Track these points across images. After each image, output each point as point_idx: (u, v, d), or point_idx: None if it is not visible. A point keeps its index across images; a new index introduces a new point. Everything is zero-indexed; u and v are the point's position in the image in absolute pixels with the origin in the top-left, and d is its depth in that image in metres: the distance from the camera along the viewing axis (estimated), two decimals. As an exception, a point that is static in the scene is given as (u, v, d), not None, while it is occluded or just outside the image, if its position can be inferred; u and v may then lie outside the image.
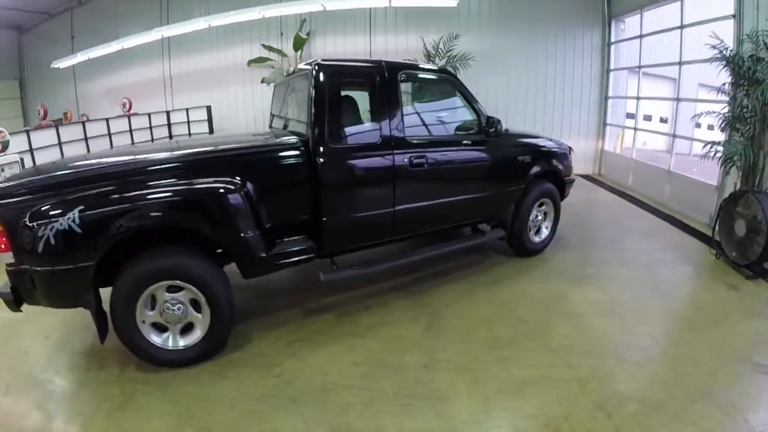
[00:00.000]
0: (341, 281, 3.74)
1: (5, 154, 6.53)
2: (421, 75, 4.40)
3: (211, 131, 9.56)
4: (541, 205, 4.81)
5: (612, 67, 8.17)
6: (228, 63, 9.48)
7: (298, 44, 8.76)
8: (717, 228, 4.73)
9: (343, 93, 3.61)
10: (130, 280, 2.78)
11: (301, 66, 3.88)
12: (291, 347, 3.28)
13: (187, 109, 9.49)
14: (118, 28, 9.36)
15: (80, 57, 9.04)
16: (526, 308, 3.82)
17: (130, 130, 8.91)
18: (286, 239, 3.36)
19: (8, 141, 6.60)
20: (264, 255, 3.13)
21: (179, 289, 2.89)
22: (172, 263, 2.87)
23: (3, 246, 2.67)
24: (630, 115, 8.43)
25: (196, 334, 2.99)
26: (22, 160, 6.65)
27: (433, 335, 3.46)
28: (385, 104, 3.62)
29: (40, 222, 2.58)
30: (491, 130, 4.08)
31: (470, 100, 4.21)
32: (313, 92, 3.35)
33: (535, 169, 4.58)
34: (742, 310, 3.74)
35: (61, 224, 2.57)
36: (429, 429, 2.52)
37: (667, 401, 2.66)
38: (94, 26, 9.99)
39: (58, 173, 2.95)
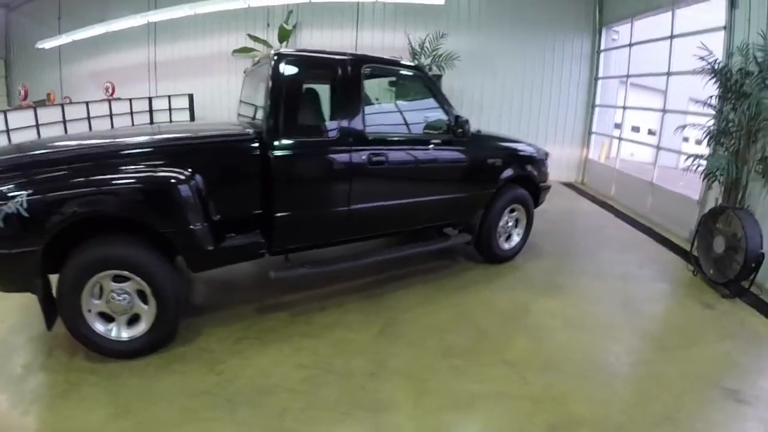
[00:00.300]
0: (293, 279, 3.54)
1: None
2: (389, 70, 4.16)
3: (192, 119, 9.25)
4: (512, 211, 4.59)
5: (600, 75, 7.99)
6: (213, 52, 9.22)
7: (283, 36, 8.51)
8: (695, 244, 4.53)
9: (304, 85, 3.49)
10: (77, 267, 2.68)
11: (266, 55, 3.66)
12: (239, 345, 3.13)
13: (169, 96, 9.18)
14: (106, 10, 9.03)
15: (65, 38, 8.77)
16: (487, 317, 3.61)
17: (110, 115, 8.62)
18: (236, 234, 3.19)
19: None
20: (211, 248, 2.98)
21: (126, 279, 2.76)
22: (118, 252, 2.75)
23: None
24: (617, 125, 8.31)
25: (142, 326, 2.86)
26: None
27: (386, 341, 3.26)
28: (346, 98, 3.47)
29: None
30: (459, 131, 3.86)
31: (441, 99, 4.01)
32: (270, 83, 3.21)
33: (507, 174, 4.37)
34: (716, 330, 3.54)
35: (9, 209, 2.48)
36: (366, 442, 2.31)
37: (626, 425, 2.46)
38: (82, 7, 9.66)
39: (11, 156, 2.87)
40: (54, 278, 2.74)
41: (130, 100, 8.83)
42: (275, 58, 3.25)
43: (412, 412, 2.54)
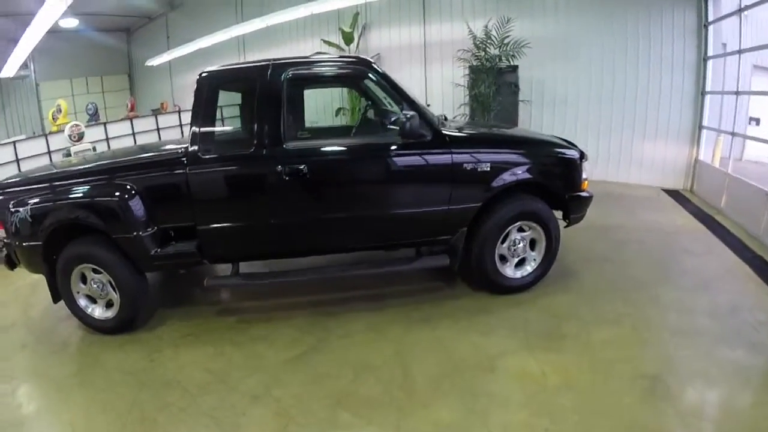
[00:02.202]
0: (225, 287, 3.70)
1: (82, 143, 7.29)
2: (318, 73, 3.61)
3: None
4: (522, 229, 3.55)
5: (711, 53, 5.88)
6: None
7: (347, 39, 8.24)
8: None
9: (221, 100, 3.41)
10: (63, 260, 3.35)
11: None
12: (181, 339, 3.40)
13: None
14: (207, 28, 9.68)
15: (165, 57, 9.79)
16: (429, 366, 2.90)
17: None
18: (176, 242, 3.39)
19: (83, 132, 7.35)
20: (152, 254, 3.29)
21: (100, 272, 3.36)
22: (85, 251, 3.34)
23: None
24: (752, 119, 6.25)
25: (113, 310, 3.42)
26: (94, 147, 7.38)
27: (295, 367, 2.98)
28: (263, 109, 3.27)
29: (11, 212, 3.31)
30: (405, 131, 3.13)
31: (394, 97, 3.32)
32: (193, 101, 3.33)
33: (502, 181, 3.38)
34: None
35: (20, 214, 3.29)
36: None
37: None
38: (186, 28, 10.61)
39: (34, 176, 3.68)
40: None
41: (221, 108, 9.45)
42: (198, 77, 3.33)
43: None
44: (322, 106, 9.31)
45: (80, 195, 3.29)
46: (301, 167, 3.19)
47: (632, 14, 6.15)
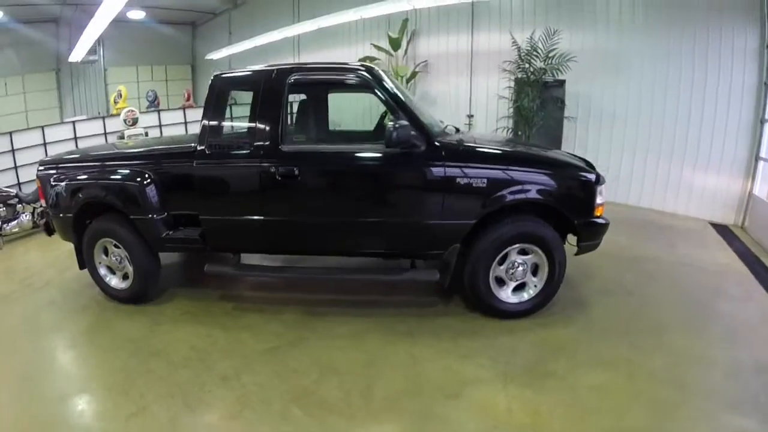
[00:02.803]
0: (221, 275, 3.77)
1: (136, 128, 7.71)
2: (319, 78, 3.55)
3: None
4: (524, 252, 3.29)
5: None
6: (343, 61, 9.21)
7: (394, 45, 8.08)
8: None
9: (232, 102, 3.66)
10: (88, 234, 3.70)
11: None
12: (182, 316, 3.63)
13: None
14: (265, 26, 9.87)
15: (224, 51, 10.16)
16: (395, 382, 2.76)
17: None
18: (184, 228, 3.58)
19: (138, 118, 7.76)
20: (163, 236, 3.51)
21: (118, 247, 3.65)
22: (107, 226, 3.65)
23: (41, 196, 4.02)
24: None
25: (127, 282, 3.73)
26: (146, 132, 7.78)
27: (269, 358, 3.02)
28: (265, 112, 3.35)
29: (51, 185, 3.74)
30: (391, 141, 3.02)
31: (393, 106, 3.20)
32: (205, 100, 3.52)
33: (500, 200, 3.14)
34: None
35: (59, 189, 3.69)
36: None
37: None
38: (247, 24, 10.88)
39: (73, 156, 4.13)
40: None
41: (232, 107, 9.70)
42: (211, 79, 3.50)
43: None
44: (368, 111, 9.28)
45: (106, 177, 3.64)
46: (294, 170, 3.21)
47: (689, 32, 5.49)
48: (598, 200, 3.33)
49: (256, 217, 3.39)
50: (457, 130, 3.94)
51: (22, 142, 6.88)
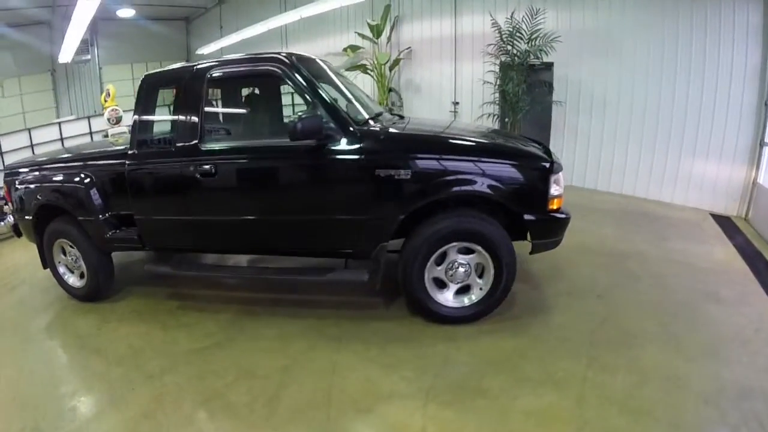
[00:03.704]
0: (158, 274, 3.54)
1: (120, 126, 7.38)
2: (236, 72, 3.22)
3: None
4: (468, 251, 2.73)
5: None
6: (330, 50, 8.62)
7: (376, 31, 7.50)
8: None
9: (157, 101, 3.31)
10: (47, 233, 3.62)
11: None
12: (129, 314, 3.50)
13: (291, 94, 9.30)
14: (254, 19, 9.32)
15: (213, 46, 9.75)
16: (306, 389, 2.44)
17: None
18: (125, 228, 3.41)
19: (122, 116, 7.42)
20: (107, 236, 3.37)
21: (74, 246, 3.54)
22: (61, 227, 3.54)
23: (8, 200, 3.95)
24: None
25: (83, 281, 3.65)
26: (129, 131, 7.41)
27: (194, 358, 2.83)
28: (185, 110, 3.11)
29: (15, 189, 3.69)
30: (295, 134, 2.59)
31: (305, 97, 2.81)
32: (135, 101, 3.33)
33: (428, 193, 2.64)
34: None
35: (20, 192, 3.65)
36: None
37: None
38: (236, 18, 10.42)
39: (32, 160, 3.99)
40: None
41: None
42: (141, 79, 3.32)
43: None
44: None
45: (55, 181, 3.52)
46: (211, 168, 2.95)
47: (685, 9, 4.71)
48: (554, 191, 2.73)
49: (183, 217, 3.21)
50: (401, 117, 3.48)
51: (10, 145, 6.71)
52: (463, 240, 2.68)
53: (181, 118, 3.11)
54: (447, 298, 2.83)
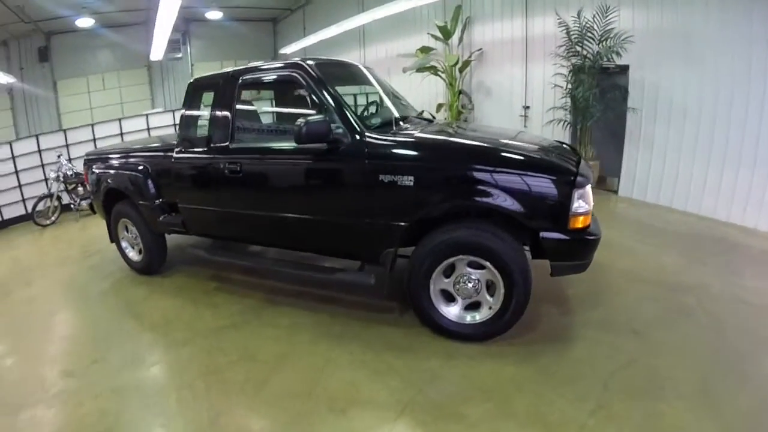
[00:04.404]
0: (196, 257, 3.81)
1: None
2: (263, 77, 3.22)
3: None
4: (478, 266, 2.50)
5: None
6: (404, 50, 8.33)
7: (445, 33, 7.14)
8: None
9: (199, 102, 3.56)
10: (113, 213, 4.08)
11: None
12: (172, 289, 3.83)
13: (366, 94, 9.28)
14: (335, 19, 9.26)
15: (293, 46, 9.98)
16: (293, 380, 2.48)
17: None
18: (174, 214, 3.71)
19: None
20: (159, 219, 3.70)
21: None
22: (123, 209, 3.97)
23: (86, 182, 4.51)
24: None
25: (140, 256, 4.07)
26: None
27: (213, 334, 3.02)
28: (220, 112, 3.29)
29: (91, 173, 4.21)
30: (296, 138, 2.59)
31: (321, 102, 2.75)
32: (183, 103, 3.62)
33: (432, 201, 2.47)
34: None
35: (94, 177, 4.17)
36: None
37: None
38: (318, 19, 10.53)
39: (106, 149, 4.51)
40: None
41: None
42: (189, 83, 3.62)
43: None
44: (427, 101, 8.51)
45: (119, 169, 3.96)
46: (237, 166, 3.11)
47: None
48: (577, 208, 2.36)
49: (214, 209, 3.40)
50: (431, 120, 3.31)
51: (103, 132, 7.53)
52: (469, 253, 2.47)
53: (216, 119, 3.30)
54: (453, 312, 2.65)
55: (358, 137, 2.64)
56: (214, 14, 11.34)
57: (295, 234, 3.11)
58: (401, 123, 2.96)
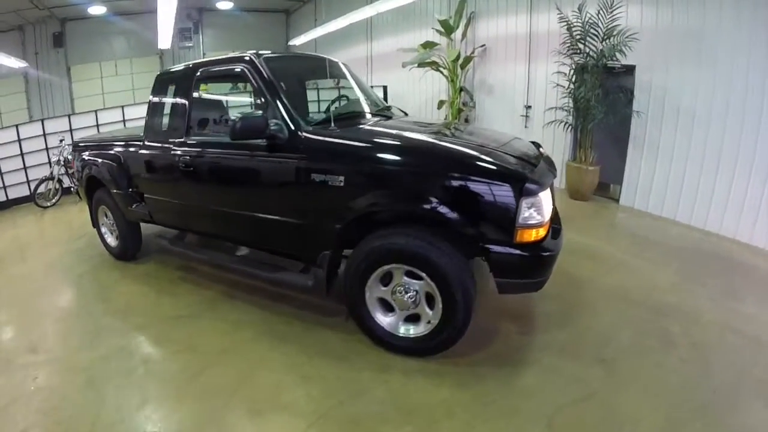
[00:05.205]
0: (161, 247, 3.81)
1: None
2: (218, 71, 3.08)
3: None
4: (418, 277, 2.19)
5: None
6: (408, 44, 7.93)
7: (447, 28, 6.75)
8: None
9: (163, 96, 3.48)
10: (94, 199, 4.10)
11: None
12: (140, 276, 3.82)
13: (371, 87, 8.99)
14: (345, 12, 8.93)
15: (302, 38, 9.75)
16: (224, 375, 2.39)
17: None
18: (143, 203, 3.67)
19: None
20: (130, 208, 3.68)
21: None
22: (101, 196, 3.97)
23: (74, 167, 4.57)
24: None
25: (117, 242, 4.09)
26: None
27: (168, 323, 3.00)
28: (178, 104, 3.24)
29: (76, 160, 4.24)
30: (230, 134, 2.43)
31: (264, 96, 2.64)
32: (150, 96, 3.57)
33: (361, 204, 2.20)
34: None
35: (78, 164, 4.20)
36: None
37: None
38: (330, 11, 10.24)
39: (89, 138, 4.52)
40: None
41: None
42: (156, 75, 3.60)
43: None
44: (430, 98, 8.17)
45: (95, 159, 3.92)
46: (189, 160, 3.02)
47: None
48: (527, 219, 2.01)
49: (173, 200, 3.34)
50: (388, 118, 3.09)
51: (107, 119, 7.55)
52: (403, 262, 2.17)
53: (175, 112, 3.25)
54: (390, 323, 2.36)
55: (293, 134, 2.43)
56: (225, 4, 11.22)
57: (240, 230, 3.01)
58: (362, 119, 2.80)
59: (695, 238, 4.23)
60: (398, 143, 2.37)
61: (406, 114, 3.47)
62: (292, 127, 2.45)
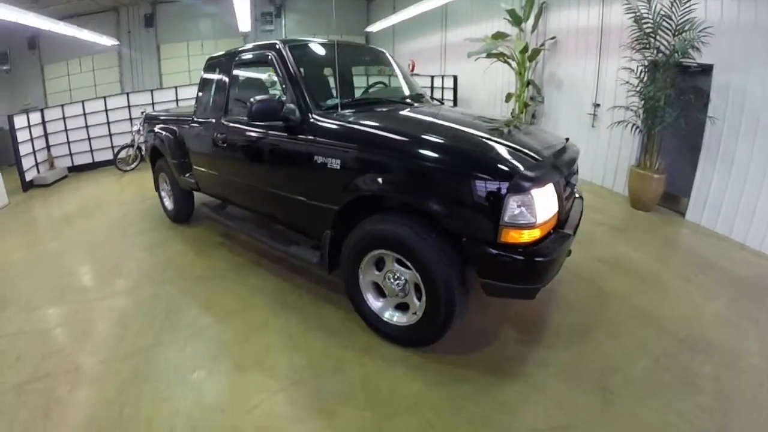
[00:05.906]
0: (205, 214, 4.21)
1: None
2: (249, 57, 3.34)
3: (455, 99, 8.51)
4: (405, 265, 2.25)
5: None
6: (479, 34, 7.53)
7: (515, 19, 6.35)
8: None
9: (212, 80, 3.75)
10: (156, 166, 4.75)
11: None
12: (187, 238, 4.30)
13: (442, 77, 8.75)
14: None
15: (378, 25, 9.68)
16: (214, 333, 2.70)
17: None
18: (192, 173, 4.08)
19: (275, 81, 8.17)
20: (182, 176, 4.15)
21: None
22: (161, 165, 4.54)
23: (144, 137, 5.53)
24: None
25: (173, 205, 4.62)
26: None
27: (199, 281, 3.38)
28: (219, 88, 3.58)
29: (146, 131, 4.88)
30: (247, 114, 2.63)
31: (283, 80, 2.83)
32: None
33: (354, 187, 2.29)
34: None
35: (146, 135, 4.95)
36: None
37: None
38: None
39: (163, 113, 4.85)
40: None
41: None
42: (206, 61, 3.93)
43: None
44: (499, 90, 7.87)
45: (156, 131, 4.44)
46: (225, 138, 3.32)
47: None
48: (514, 218, 1.90)
49: (213, 172, 3.66)
50: (441, 103, 3.41)
51: (186, 95, 8.34)
52: (388, 249, 2.26)
53: (217, 93, 3.59)
54: (380, 307, 2.49)
55: (303, 116, 2.61)
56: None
57: (261, 204, 3.26)
58: (382, 106, 2.93)
59: (762, 267, 3.67)
60: (392, 130, 2.33)
61: (441, 103, 3.58)
62: (303, 111, 2.63)
